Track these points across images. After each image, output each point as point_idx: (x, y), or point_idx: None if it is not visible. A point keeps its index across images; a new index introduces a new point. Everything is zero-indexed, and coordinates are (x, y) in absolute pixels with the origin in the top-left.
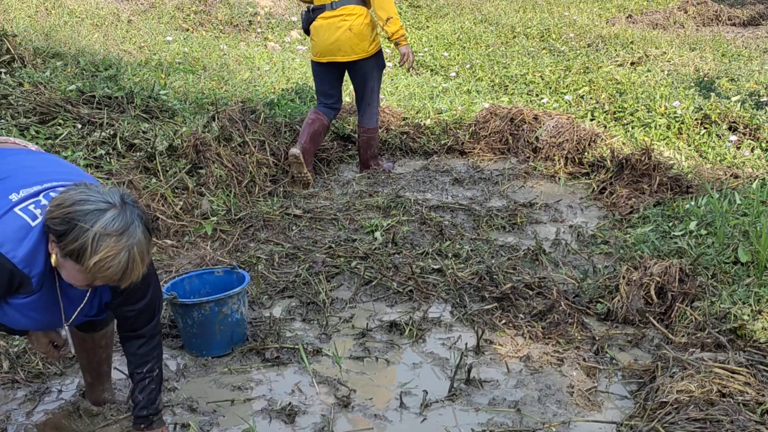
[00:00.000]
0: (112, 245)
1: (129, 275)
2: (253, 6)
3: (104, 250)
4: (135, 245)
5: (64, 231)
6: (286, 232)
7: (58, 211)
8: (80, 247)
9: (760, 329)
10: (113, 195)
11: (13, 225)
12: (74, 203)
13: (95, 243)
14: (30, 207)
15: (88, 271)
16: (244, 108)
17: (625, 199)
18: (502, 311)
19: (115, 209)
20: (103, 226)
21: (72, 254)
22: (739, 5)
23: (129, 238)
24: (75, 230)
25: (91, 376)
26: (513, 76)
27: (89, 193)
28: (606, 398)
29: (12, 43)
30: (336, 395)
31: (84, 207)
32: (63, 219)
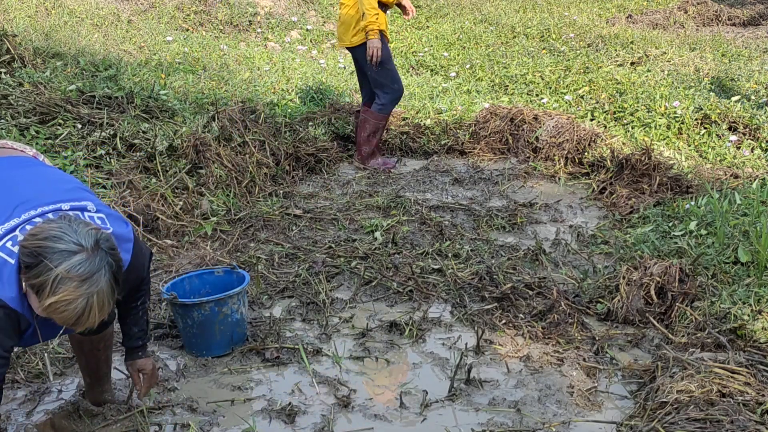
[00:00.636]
0: (72, 290)
1: (83, 321)
2: (253, 6)
3: (62, 293)
4: (95, 293)
5: (30, 264)
6: (286, 232)
7: (30, 241)
8: (41, 283)
9: (760, 329)
10: (88, 238)
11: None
12: (46, 238)
13: (55, 284)
14: (8, 245)
15: (44, 309)
16: (244, 108)
17: (625, 199)
18: (502, 311)
19: (85, 253)
20: (67, 269)
21: (33, 288)
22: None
23: (90, 286)
24: (40, 266)
25: (90, 377)
26: (513, 76)
27: (64, 231)
28: (606, 398)
29: (12, 43)
30: (336, 395)
31: (54, 245)
32: (32, 252)
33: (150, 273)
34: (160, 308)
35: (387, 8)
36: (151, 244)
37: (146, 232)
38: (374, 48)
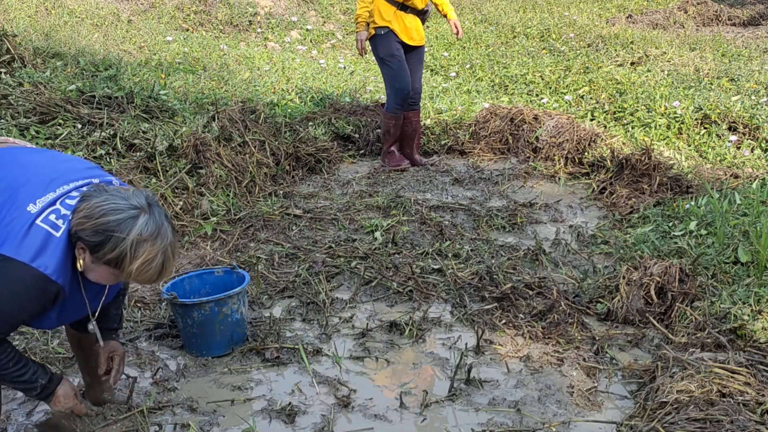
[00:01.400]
0: (149, 250)
1: (165, 274)
2: (253, 6)
3: (143, 255)
4: (168, 246)
5: (100, 242)
6: (286, 232)
7: (89, 223)
8: (119, 255)
9: (760, 329)
10: (139, 199)
11: (39, 238)
12: (104, 214)
13: (133, 250)
14: (50, 217)
15: (127, 275)
16: (244, 108)
17: (625, 199)
18: (502, 311)
19: (146, 213)
20: (138, 233)
21: (110, 262)
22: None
23: (163, 240)
24: (111, 240)
25: (89, 376)
26: (513, 76)
27: (116, 201)
28: (606, 398)
29: (12, 43)
30: (336, 395)
31: (116, 217)
32: (96, 231)
33: None
34: (160, 308)
35: (406, 8)
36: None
37: None
38: (357, 40)
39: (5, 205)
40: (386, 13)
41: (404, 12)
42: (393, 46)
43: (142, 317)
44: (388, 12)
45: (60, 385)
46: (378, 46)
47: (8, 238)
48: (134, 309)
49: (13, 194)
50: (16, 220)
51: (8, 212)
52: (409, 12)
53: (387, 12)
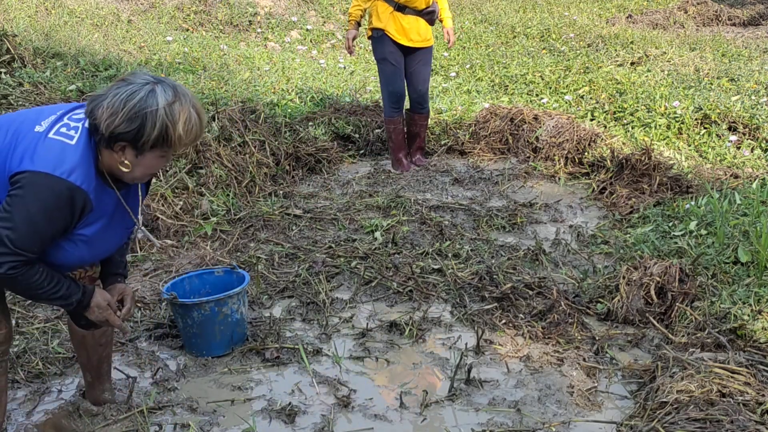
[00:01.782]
0: (182, 108)
1: (204, 126)
2: (253, 6)
3: (180, 117)
4: (192, 98)
5: (138, 126)
6: (286, 232)
7: (118, 117)
8: (161, 127)
9: (760, 329)
10: (141, 76)
11: (55, 149)
12: (126, 101)
13: (170, 115)
14: (62, 130)
15: (178, 144)
16: (244, 108)
17: (625, 199)
18: (502, 311)
19: (157, 83)
20: (165, 100)
21: (158, 141)
22: (739, 5)
23: (186, 96)
24: (148, 118)
25: (91, 375)
26: (513, 76)
27: (126, 87)
28: (606, 398)
29: (12, 43)
30: (336, 395)
31: (138, 98)
32: (129, 119)
33: None
34: (160, 308)
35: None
36: (151, 244)
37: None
38: (346, 38)
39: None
40: (383, 14)
41: (402, 13)
42: (386, 50)
43: (142, 317)
44: (385, 12)
45: (92, 297)
46: (374, 49)
47: (24, 155)
48: (134, 309)
49: (15, 131)
50: (28, 141)
51: (16, 140)
52: (408, 13)
53: (384, 12)
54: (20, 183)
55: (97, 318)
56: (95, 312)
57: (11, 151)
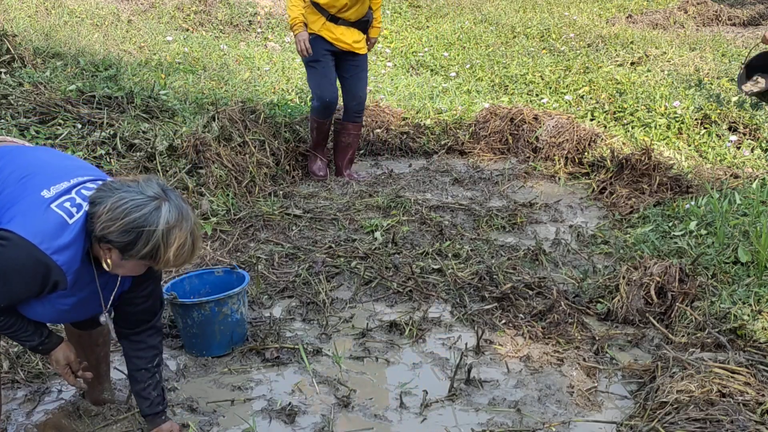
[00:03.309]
0: (179, 234)
1: (196, 253)
2: (253, 6)
3: (175, 242)
4: (194, 225)
5: (132, 240)
6: (286, 232)
7: (115, 225)
8: (153, 248)
9: (760, 329)
10: (152, 187)
11: (51, 222)
12: (128, 212)
13: (166, 239)
14: (66, 204)
15: (164, 264)
16: (244, 108)
17: (625, 199)
18: (502, 311)
19: (165, 201)
20: (166, 222)
21: (146, 256)
22: (739, 5)
23: (188, 222)
24: (143, 236)
25: None
26: (513, 76)
27: (133, 196)
28: (606, 398)
29: (12, 43)
30: (336, 395)
31: (141, 212)
32: (125, 231)
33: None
34: None
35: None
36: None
37: None
38: (299, 41)
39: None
40: (315, 23)
41: (335, 24)
42: (319, 52)
43: None
44: (317, 22)
45: (56, 349)
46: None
47: (19, 215)
48: None
49: (25, 182)
50: (30, 203)
51: (20, 195)
52: (340, 24)
53: (316, 22)
54: (4, 240)
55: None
56: (53, 365)
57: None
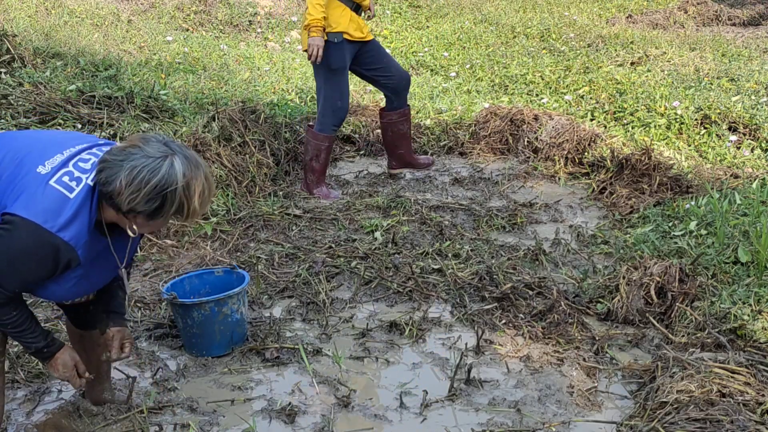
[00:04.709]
0: (197, 183)
1: (213, 192)
2: (253, 6)
3: (196, 192)
4: (204, 168)
5: (159, 205)
6: (286, 232)
7: (140, 196)
8: (180, 204)
9: (760, 329)
10: (158, 146)
11: (52, 199)
12: (148, 180)
13: (188, 193)
14: (64, 179)
15: (192, 216)
16: (244, 108)
17: (625, 199)
18: (502, 311)
19: (173, 155)
20: (182, 176)
21: (174, 214)
22: (739, 5)
23: (198, 168)
24: (168, 198)
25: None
26: (513, 76)
27: (145, 162)
28: (606, 398)
29: (12, 43)
30: (336, 395)
31: (160, 175)
32: (150, 198)
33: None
34: (160, 308)
35: (360, 9)
36: (151, 244)
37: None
38: (314, 46)
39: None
40: (342, 16)
41: (358, 14)
42: (347, 57)
43: (142, 317)
44: (344, 18)
45: (60, 352)
46: (331, 56)
47: (20, 197)
48: (134, 309)
49: (20, 162)
50: (28, 182)
51: (17, 175)
52: (359, 13)
53: (344, 15)
54: (9, 225)
55: (59, 375)
56: (59, 369)
57: (10, 185)
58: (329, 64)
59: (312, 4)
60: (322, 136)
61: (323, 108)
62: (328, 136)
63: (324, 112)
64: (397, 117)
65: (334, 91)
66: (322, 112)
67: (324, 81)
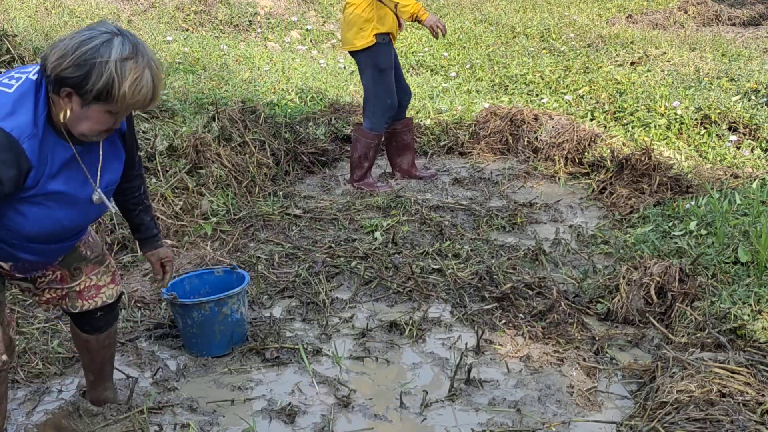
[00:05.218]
0: (135, 66)
1: (157, 93)
2: (253, 6)
3: (130, 74)
4: (152, 61)
5: (84, 74)
6: (286, 232)
7: (66, 61)
8: (107, 80)
9: (760, 329)
10: (105, 25)
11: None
12: (79, 46)
13: (119, 71)
14: (3, 80)
15: (121, 102)
16: (244, 108)
17: (625, 199)
18: (502, 311)
19: (119, 35)
20: (118, 53)
21: (101, 94)
22: (739, 5)
23: (144, 56)
24: (96, 68)
25: (93, 375)
26: (513, 76)
27: (85, 33)
28: (606, 398)
29: (12, 43)
30: (336, 395)
31: (92, 44)
32: (77, 65)
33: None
34: (160, 308)
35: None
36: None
37: None
38: (436, 23)
39: None
40: (386, 19)
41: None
42: (392, 56)
43: (142, 317)
44: (388, 17)
45: None
46: (380, 56)
47: None
48: (134, 309)
49: None
50: None
51: None
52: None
53: (387, 17)
54: None
55: None
56: None
57: None
58: (378, 63)
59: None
60: (373, 134)
61: (374, 107)
62: (379, 134)
63: (375, 110)
64: (402, 127)
65: (383, 90)
66: (373, 111)
67: (373, 81)
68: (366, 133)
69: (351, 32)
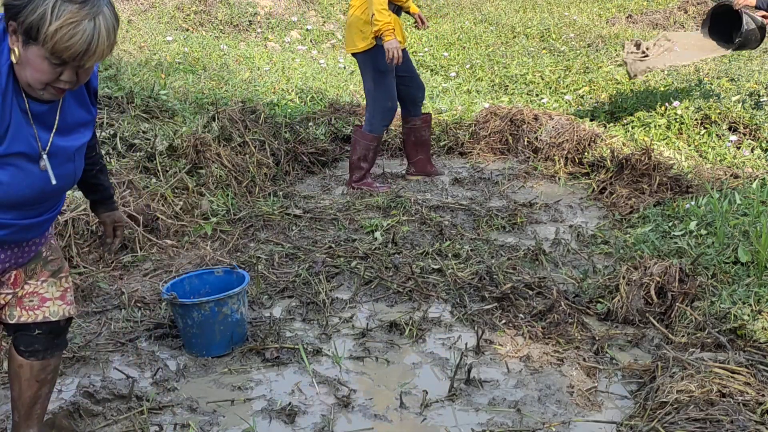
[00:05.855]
0: (75, 11)
1: (94, 49)
2: (253, 6)
3: (65, 15)
4: (100, 14)
5: (24, 4)
6: (286, 232)
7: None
8: (40, 16)
9: (760, 329)
10: None
11: None
12: None
13: (56, 9)
14: None
15: (49, 43)
16: (244, 108)
17: (625, 199)
18: (502, 311)
19: None
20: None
21: (30, 29)
22: None
23: (93, 7)
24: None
25: (18, 414)
26: (513, 76)
27: None
28: (606, 398)
29: None
30: (336, 395)
31: None
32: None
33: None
34: (160, 308)
35: (401, 11)
36: (151, 244)
37: (146, 232)
38: (393, 49)
39: None
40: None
41: (398, 15)
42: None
43: (142, 317)
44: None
45: None
46: (381, 58)
47: None
48: (134, 309)
49: None
50: None
51: None
52: (400, 14)
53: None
54: None
55: None
56: None
57: None
58: (378, 65)
59: (378, 9)
60: (372, 136)
61: (373, 109)
62: (377, 136)
63: (374, 113)
64: (421, 123)
65: (383, 93)
66: (372, 113)
67: (373, 84)
68: (365, 134)
69: (352, 34)
